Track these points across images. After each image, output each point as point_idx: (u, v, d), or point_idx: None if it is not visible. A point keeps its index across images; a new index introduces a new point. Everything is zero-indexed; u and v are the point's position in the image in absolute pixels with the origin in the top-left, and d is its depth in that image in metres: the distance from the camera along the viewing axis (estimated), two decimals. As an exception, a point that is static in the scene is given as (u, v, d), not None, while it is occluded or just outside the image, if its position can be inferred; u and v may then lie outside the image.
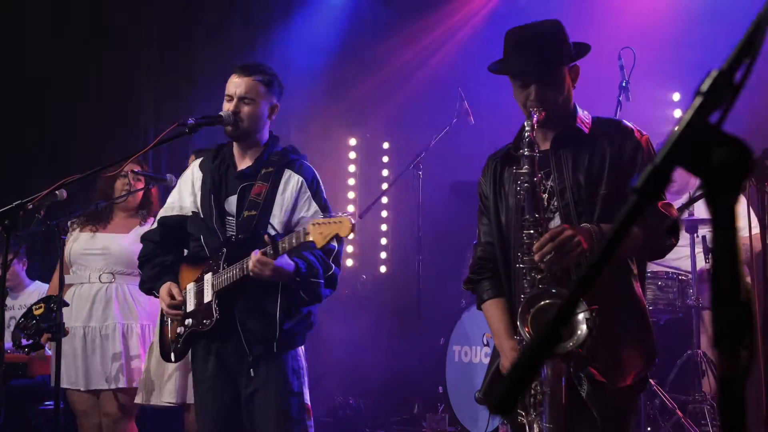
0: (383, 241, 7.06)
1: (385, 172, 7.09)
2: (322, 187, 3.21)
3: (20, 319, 4.05)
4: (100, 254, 4.28)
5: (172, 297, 3.12)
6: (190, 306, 3.12)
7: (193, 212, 3.22)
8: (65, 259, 4.26)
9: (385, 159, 7.18)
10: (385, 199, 6.67)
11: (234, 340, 3.05)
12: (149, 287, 3.26)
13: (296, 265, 2.95)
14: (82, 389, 4.15)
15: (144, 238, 3.37)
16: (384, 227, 7.05)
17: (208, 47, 7.04)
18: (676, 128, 0.98)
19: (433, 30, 6.74)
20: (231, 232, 3.11)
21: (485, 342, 4.81)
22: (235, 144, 3.23)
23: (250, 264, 2.88)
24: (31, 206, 3.18)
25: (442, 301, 5.83)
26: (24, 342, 3.99)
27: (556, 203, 2.45)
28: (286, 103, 3.37)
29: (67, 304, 3.99)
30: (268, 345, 3.01)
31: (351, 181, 7.15)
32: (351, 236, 2.82)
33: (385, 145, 7.18)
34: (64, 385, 4.18)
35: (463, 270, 5.72)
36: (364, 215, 5.78)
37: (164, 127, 6.98)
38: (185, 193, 3.27)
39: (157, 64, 6.94)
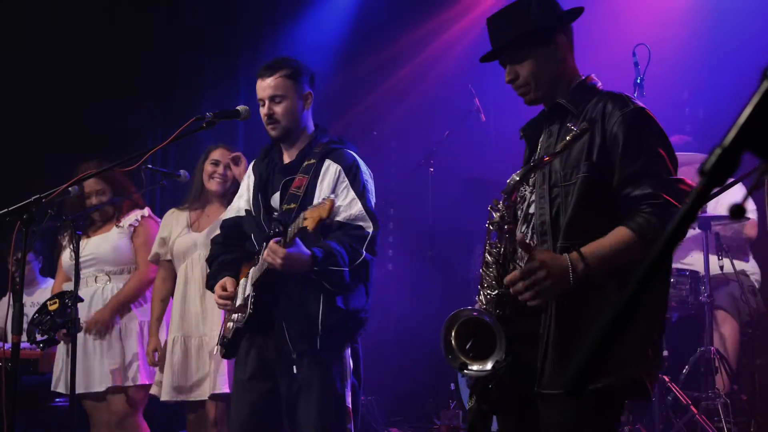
0: (390, 238, 7.05)
1: (392, 170, 7.09)
2: (364, 173, 3.14)
3: (35, 314, 4.05)
4: (90, 259, 4.29)
5: (223, 289, 3.11)
6: (238, 301, 3.11)
7: (246, 211, 3.25)
8: (62, 268, 4.31)
9: (393, 157, 7.18)
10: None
11: (276, 338, 3.03)
12: (211, 284, 3.24)
13: (313, 253, 2.90)
14: (82, 392, 4.14)
15: (211, 241, 3.40)
16: (391, 225, 7.05)
17: (216, 47, 7.05)
18: (744, 111, 0.98)
19: (443, 27, 6.74)
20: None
21: (498, 339, 4.80)
22: (282, 144, 3.24)
23: (264, 254, 2.88)
24: (43, 201, 3.19)
25: (452, 297, 5.82)
26: (39, 338, 3.99)
27: (534, 187, 2.35)
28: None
29: (81, 300, 4.00)
30: (311, 343, 2.97)
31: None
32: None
33: (393, 143, 7.18)
34: (60, 389, 4.20)
35: (473, 266, 5.76)
36: (379, 212, 5.77)
37: (171, 125, 7.03)
38: (243, 196, 3.32)
39: (164, 63, 6.95)
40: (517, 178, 2.23)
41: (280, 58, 3.25)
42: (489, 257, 2.29)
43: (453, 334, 2.29)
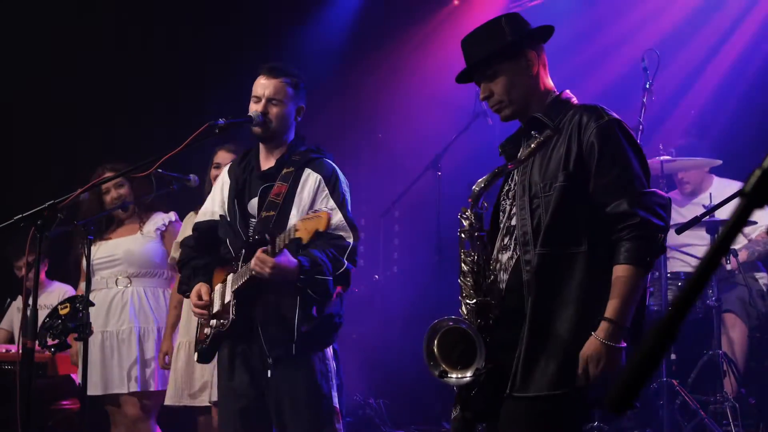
0: (395, 241, 7.06)
1: (397, 172, 7.09)
2: (343, 184, 3.18)
3: (45, 318, 4.06)
4: (115, 259, 4.30)
5: (199, 298, 3.14)
6: (216, 307, 3.14)
7: (221, 216, 3.25)
8: (83, 270, 4.32)
9: (397, 159, 7.18)
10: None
11: (257, 342, 3.07)
12: (184, 289, 3.28)
13: (299, 262, 2.95)
14: (99, 394, 4.16)
15: (182, 244, 3.40)
16: (396, 227, 7.06)
17: (221, 49, 7.06)
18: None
19: (449, 29, 6.74)
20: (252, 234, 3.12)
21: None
22: (261, 146, 3.25)
23: (251, 263, 2.91)
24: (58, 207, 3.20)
25: (459, 300, 5.82)
26: (50, 342, 4.00)
27: (514, 200, 2.43)
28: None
29: (92, 304, 4.01)
30: (286, 347, 3.02)
31: (363, 182, 7.14)
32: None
33: (398, 145, 7.18)
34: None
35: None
36: (385, 215, 5.80)
37: (177, 129, 7.02)
38: (216, 199, 3.32)
39: (169, 66, 6.95)
40: (483, 185, 2.35)
41: (285, 65, 3.28)
42: (464, 266, 2.37)
43: (436, 343, 2.35)
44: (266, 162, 3.23)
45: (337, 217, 3.08)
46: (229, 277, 3.10)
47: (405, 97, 6.84)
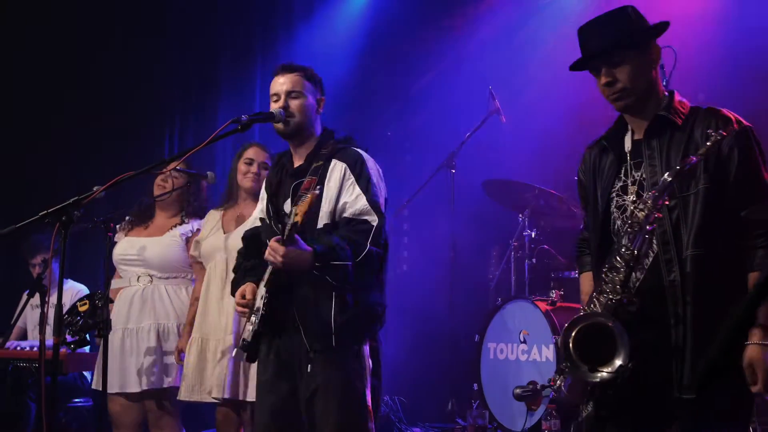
0: (405, 239, 7.07)
1: (406, 171, 7.10)
2: (369, 169, 3.13)
3: (64, 315, 4.05)
4: (137, 258, 4.32)
5: (243, 297, 3.13)
6: (256, 304, 3.13)
7: (261, 219, 3.30)
8: (114, 263, 4.33)
9: (407, 158, 7.19)
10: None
11: (294, 337, 3.05)
12: (233, 292, 3.26)
13: (314, 249, 2.90)
14: (116, 391, 4.15)
15: (238, 253, 3.42)
16: (405, 225, 7.07)
17: (231, 50, 7.08)
18: None
19: (462, 27, 6.75)
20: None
21: (522, 339, 4.83)
22: (292, 146, 3.26)
23: (266, 253, 2.91)
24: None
25: (475, 298, 5.85)
26: (69, 339, 4.00)
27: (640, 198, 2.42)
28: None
29: (111, 300, 4.01)
30: (326, 340, 2.99)
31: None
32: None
33: (407, 144, 7.20)
34: (96, 387, 4.21)
35: (492, 267, 5.79)
36: (397, 214, 5.82)
37: (189, 128, 7.03)
38: (259, 206, 3.39)
39: (180, 67, 6.96)
40: (669, 179, 2.31)
41: (296, 63, 3.28)
42: (619, 260, 2.33)
43: (572, 338, 2.32)
44: (298, 160, 3.23)
45: (361, 203, 3.04)
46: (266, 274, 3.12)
47: (416, 95, 6.86)
